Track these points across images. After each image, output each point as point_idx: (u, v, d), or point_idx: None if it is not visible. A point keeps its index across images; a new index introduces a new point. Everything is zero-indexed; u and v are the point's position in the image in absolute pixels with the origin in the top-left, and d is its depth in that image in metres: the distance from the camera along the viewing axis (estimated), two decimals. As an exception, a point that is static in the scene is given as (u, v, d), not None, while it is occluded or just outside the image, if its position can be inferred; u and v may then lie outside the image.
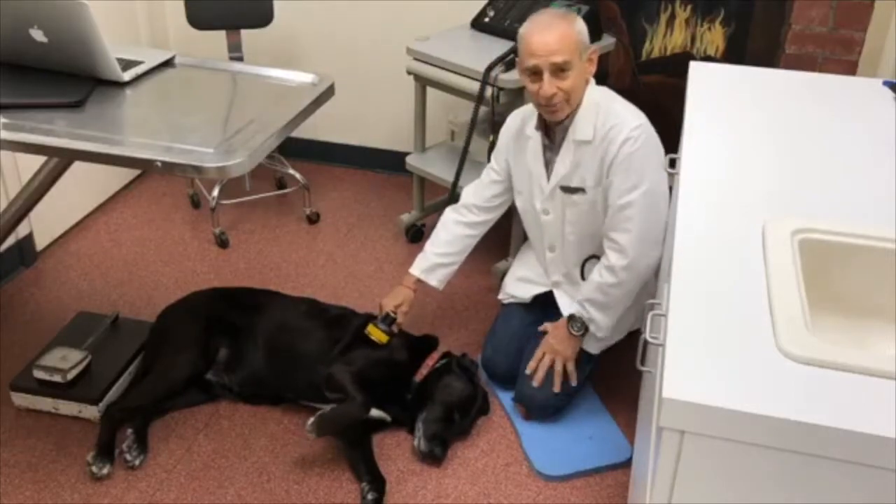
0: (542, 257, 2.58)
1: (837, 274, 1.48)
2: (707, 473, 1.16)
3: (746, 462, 1.13)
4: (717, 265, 1.42)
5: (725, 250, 1.46)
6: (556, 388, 2.40)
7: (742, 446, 1.11)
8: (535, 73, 2.21)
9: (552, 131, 2.35)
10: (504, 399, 2.55)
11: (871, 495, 1.11)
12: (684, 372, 1.15)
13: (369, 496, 2.18)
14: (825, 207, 1.61)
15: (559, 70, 2.18)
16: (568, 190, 2.36)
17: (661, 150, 2.30)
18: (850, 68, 3.12)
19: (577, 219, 2.40)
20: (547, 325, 2.48)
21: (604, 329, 2.38)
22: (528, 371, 2.42)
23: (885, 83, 2.19)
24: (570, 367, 2.40)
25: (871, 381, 1.14)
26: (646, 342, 1.54)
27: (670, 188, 2.19)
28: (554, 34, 2.18)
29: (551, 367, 2.40)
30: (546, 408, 2.44)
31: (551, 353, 2.41)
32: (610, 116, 2.26)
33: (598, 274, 2.33)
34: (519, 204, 2.54)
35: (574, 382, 2.42)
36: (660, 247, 2.29)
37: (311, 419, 2.19)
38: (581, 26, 2.22)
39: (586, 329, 2.38)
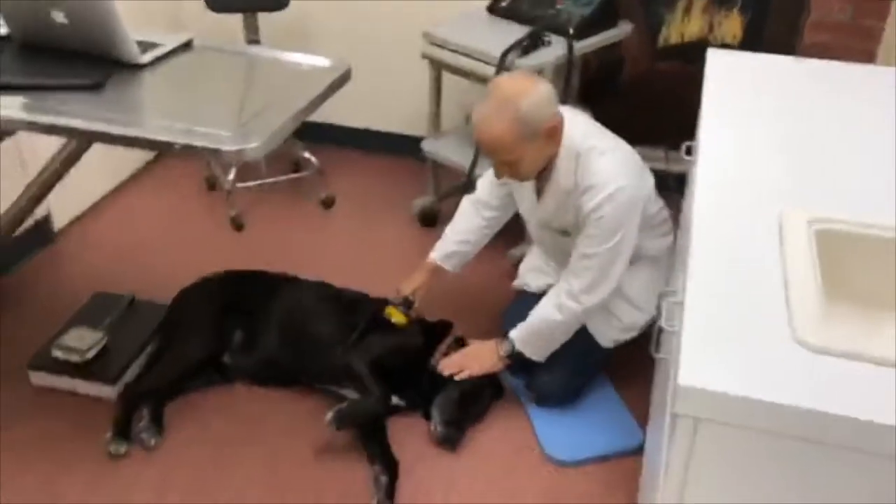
0: (549, 259, 2.60)
1: (854, 264, 1.48)
2: (721, 460, 1.17)
3: (760, 450, 1.14)
4: (734, 254, 1.42)
5: (742, 239, 1.46)
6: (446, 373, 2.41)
7: (756, 434, 1.12)
8: None
9: (539, 174, 2.30)
10: (517, 385, 2.56)
11: (886, 484, 1.12)
12: (700, 359, 1.16)
13: (382, 479, 2.20)
14: (842, 197, 1.61)
15: (505, 162, 2.16)
16: (553, 230, 2.38)
17: (640, 207, 2.23)
18: (869, 58, 3.09)
19: (566, 253, 2.37)
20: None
21: (537, 357, 2.39)
22: (443, 370, 2.42)
23: (905, 73, 2.18)
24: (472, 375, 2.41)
25: (887, 371, 1.15)
26: (660, 329, 1.54)
27: (684, 176, 2.18)
28: (491, 136, 2.10)
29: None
30: (558, 395, 2.45)
31: (470, 362, 2.41)
32: (590, 173, 2.17)
33: (545, 307, 2.33)
34: (521, 213, 2.56)
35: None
36: (612, 286, 2.27)
37: (330, 413, 2.21)
38: (528, 110, 2.07)
39: (512, 352, 2.38)
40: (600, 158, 2.18)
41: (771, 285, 1.32)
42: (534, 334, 2.36)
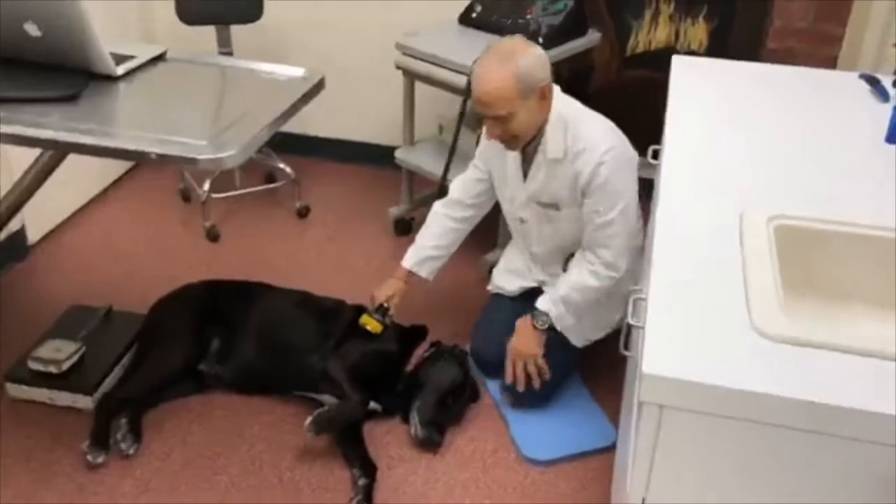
0: (526, 257, 2.64)
1: (813, 259, 1.54)
2: (685, 445, 1.21)
3: (722, 434, 1.19)
4: (697, 250, 1.47)
5: (704, 236, 1.51)
6: (537, 386, 2.45)
7: (718, 419, 1.17)
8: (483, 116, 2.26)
9: (525, 148, 2.37)
10: (492, 387, 2.60)
11: (842, 464, 1.17)
12: (663, 349, 1.20)
13: (360, 481, 2.22)
14: (801, 195, 1.66)
15: (500, 119, 2.21)
16: (542, 204, 2.42)
17: (634, 162, 2.32)
18: (831, 63, 3.17)
19: (553, 231, 2.45)
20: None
21: (567, 325, 2.44)
22: (507, 382, 2.46)
23: (861, 75, 2.24)
24: (541, 362, 2.44)
25: (840, 356, 1.20)
26: (629, 327, 1.59)
27: (651, 181, 2.24)
28: (490, 87, 2.17)
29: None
30: (533, 395, 2.49)
31: (521, 358, 2.44)
32: (579, 138, 2.26)
33: (579, 275, 2.37)
34: (501, 204, 2.60)
35: (547, 377, 2.46)
36: (632, 250, 2.35)
37: (310, 419, 2.23)
38: (526, 66, 2.17)
39: (550, 322, 2.42)
40: (588, 124, 2.30)
41: (731, 279, 1.37)
42: (570, 305, 2.39)
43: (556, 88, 2.32)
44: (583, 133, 2.27)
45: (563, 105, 2.31)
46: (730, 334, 1.24)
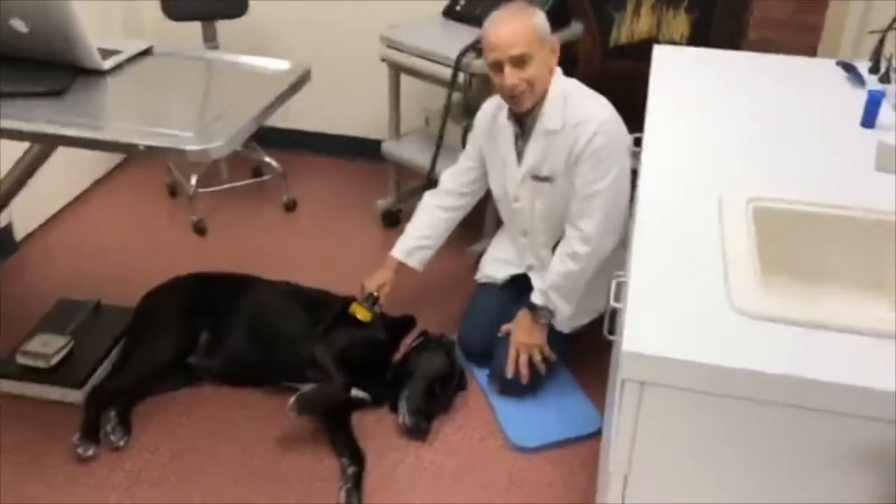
0: (516, 242, 2.66)
1: (789, 239, 1.57)
2: (666, 422, 1.24)
3: (701, 410, 1.21)
4: (677, 232, 1.50)
5: (684, 219, 1.54)
6: (543, 372, 2.50)
7: (697, 395, 1.19)
8: (498, 67, 2.28)
9: (523, 121, 2.42)
10: (479, 376, 2.62)
11: (819, 437, 1.20)
12: (644, 327, 1.23)
13: (349, 470, 2.24)
14: (779, 178, 1.70)
15: (519, 61, 2.25)
16: (538, 178, 2.44)
17: (628, 139, 2.36)
18: (811, 52, 3.21)
19: (547, 207, 2.47)
20: (507, 327, 2.55)
21: (567, 313, 2.48)
22: (509, 376, 2.48)
23: (838, 63, 2.28)
24: (546, 350, 2.49)
25: (816, 333, 1.23)
26: (613, 311, 1.62)
27: (635, 171, 2.28)
28: (511, 28, 2.25)
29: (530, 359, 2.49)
30: (521, 384, 2.51)
31: (525, 349, 2.48)
32: (578, 110, 2.33)
33: (561, 262, 2.41)
34: (493, 189, 2.62)
35: (554, 358, 2.51)
36: (620, 230, 2.38)
37: (292, 399, 2.26)
38: (540, 19, 2.29)
39: (552, 315, 2.46)
40: (587, 100, 2.37)
41: (711, 259, 1.40)
42: (560, 293, 2.44)
43: (558, 71, 2.37)
44: (581, 108, 2.33)
45: (565, 82, 2.38)
46: (709, 312, 1.27)
